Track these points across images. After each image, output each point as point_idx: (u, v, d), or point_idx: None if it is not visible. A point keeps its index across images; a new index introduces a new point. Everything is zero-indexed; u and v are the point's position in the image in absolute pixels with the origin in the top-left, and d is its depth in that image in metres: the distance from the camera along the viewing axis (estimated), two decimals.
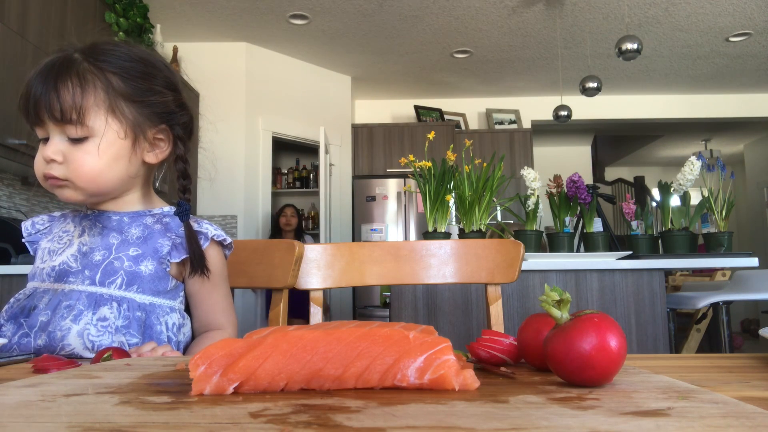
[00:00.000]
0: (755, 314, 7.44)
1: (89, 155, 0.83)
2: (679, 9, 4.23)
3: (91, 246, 0.88)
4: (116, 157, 0.86)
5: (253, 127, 4.70)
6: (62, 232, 0.93)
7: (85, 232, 0.91)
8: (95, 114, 0.83)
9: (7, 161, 2.65)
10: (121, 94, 0.85)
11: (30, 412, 0.34)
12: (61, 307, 0.83)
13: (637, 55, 3.46)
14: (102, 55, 0.85)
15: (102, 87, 0.84)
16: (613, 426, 0.29)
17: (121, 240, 0.89)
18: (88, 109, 0.82)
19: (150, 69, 0.89)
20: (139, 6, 3.65)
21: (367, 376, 0.40)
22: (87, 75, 0.83)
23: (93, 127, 0.83)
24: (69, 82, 0.82)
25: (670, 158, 8.80)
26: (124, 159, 0.87)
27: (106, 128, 0.84)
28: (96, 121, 0.83)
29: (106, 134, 0.84)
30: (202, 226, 0.93)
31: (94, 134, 0.83)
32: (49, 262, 0.89)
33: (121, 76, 0.85)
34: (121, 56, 0.87)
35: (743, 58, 5.17)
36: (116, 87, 0.85)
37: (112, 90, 0.84)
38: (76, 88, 0.82)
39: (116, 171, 0.86)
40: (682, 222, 2.66)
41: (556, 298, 0.43)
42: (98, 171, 0.84)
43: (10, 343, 0.83)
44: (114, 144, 0.85)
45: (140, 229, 0.91)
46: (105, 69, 0.84)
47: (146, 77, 0.88)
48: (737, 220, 7.99)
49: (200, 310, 0.94)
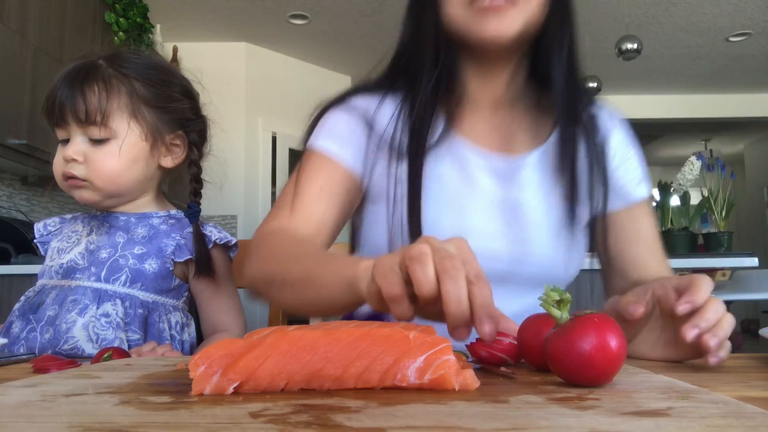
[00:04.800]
0: (755, 314, 7.44)
1: (110, 156, 0.88)
2: (679, 9, 4.23)
3: (98, 244, 0.91)
4: (135, 159, 0.90)
5: (253, 127, 4.70)
6: (71, 232, 0.96)
7: (93, 232, 0.94)
8: (119, 117, 0.88)
9: (7, 161, 2.65)
10: (143, 99, 0.90)
11: (30, 412, 0.34)
12: (67, 301, 0.86)
13: (637, 55, 3.47)
14: (125, 62, 0.91)
15: (126, 92, 0.89)
16: (613, 426, 0.29)
17: (127, 239, 0.91)
18: (112, 112, 0.87)
19: (169, 77, 0.95)
20: (139, 6, 3.64)
21: (367, 376, 0.40)
22: (112, 80, 0.88)
23: (115, 129, 0.88)
24: (95, 85, 0.87)
25: (670, 158, 8.80)
26: (142, 162, 0.91)
27: (129, 131, 0.89)
28: (119, 123, 0.88)
29: (128, 137, 0.88)
30: (205, 229, 0.95)
31: (116, 136, 0.88)
32: (57, 260, 0.92)
33: (144, 82, 0.90)
34: (143, 64, 0.92)
35: (743, 58, 5.17)
36: (139, 92, 0.90)
37: (135, 95, 0.89)
38: (102, 92, 0.87)
39: (134, 173, 0.91)
40: (682, 222, 2.66)
41: (556, 298, 0.43)
42: (118, 171, 0.88)
43: (17, 338, 0.86)
44: (135, 146, 0.89)
45: (146, 228, 0.93)
46: (129, 75, 0.89)
47: (166, 84, 0.93)
48: (737, 220, 7.98)
49: (206, 310, 0.96)
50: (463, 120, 0.78)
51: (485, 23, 0.68)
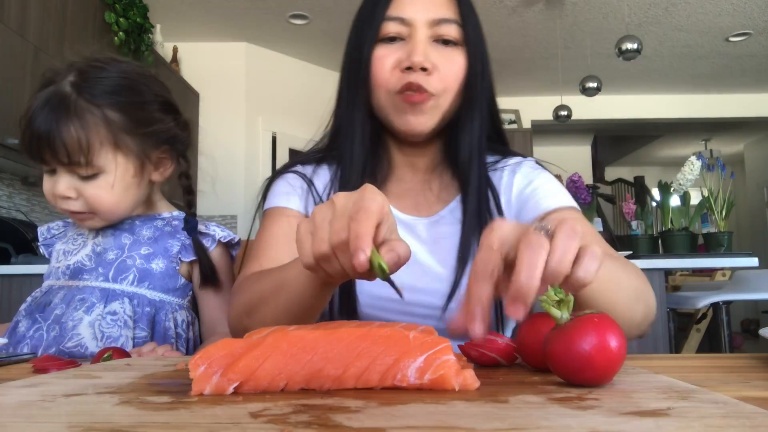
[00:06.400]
0: (755, 314, 7.44)
1: (103, 190, 0.86)
2: (679, 9, 4.23)
3: (104, 246, 0.92)
4: (128, 187, 0.89)
5: (253, 127, 4.70)
6: (77, 234, 0.97)
7: (98, 234, 0.94)
8: (103, 153, 0.85)
9: (7, 161, 2.65)
10: (122, 128, 0.86)
11: (30, 412, 0.34)
12: (74, 300, 0.87)
13: (637, 55, 3.46)
14: (94, 86, 0.85)
15: (103, 124, 0.84)
16: (613, 426, 0.29)
17: (133, 240, 0.93)
18: (94, 150, 0.84)
19: (144, 96, 0.90)
20: (139, 6, 3.64)
21: (367, 376, 0.40)
22: (86, 115, 0.83)
23: (102, 165, 0.85)
24: (71, 125, 0.82)
25: (670, 158, 8.80)
26: (135, 186, 0.91)
27: (116, 166, 0.86)
28: (104, 159, 0.85)
29: (116, 171, 0.86)
30: (209, 228, 0.96)
31: (104, 171, 0.86)
32: (63, 261, 0.93)
33: (118, 109, 0.86)
34: (113, 85, 0.87)
35: (743, 58, 5.17)
36: (117, 122, 0.86)
37: (114, 125, 0.85)
38: (80, 132, 0.82)
39: (130, 198, 0.91)
40: (682, 222, 2.67)
41: (556, 298, 0.43)
42: (116, 203, 0.88)
43: (23, 337, 0.87)
44: (125, 177, 0.88)
45: (151, 230, 0.95)
46: (101, 104, 0.84)
47: (142, 106, 0.89)
48: (737, 220, 7.98)
49: (206, 310, 0.96)
50: (387, 188, 0.86)
51: (406, 117, 0.78)
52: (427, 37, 0.77)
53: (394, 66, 0.77)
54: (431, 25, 0.77)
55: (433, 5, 0.78)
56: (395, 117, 0.79)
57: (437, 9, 0.78)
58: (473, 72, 0.80)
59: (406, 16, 0.77)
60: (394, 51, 0.77)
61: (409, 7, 0.77)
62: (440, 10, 0.78)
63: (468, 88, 0.80)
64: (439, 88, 0.77)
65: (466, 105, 0.81)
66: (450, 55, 0.78)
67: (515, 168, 0.87)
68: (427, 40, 0.77)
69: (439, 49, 0.78)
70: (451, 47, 0.78)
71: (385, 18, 0.78)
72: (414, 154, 0.86)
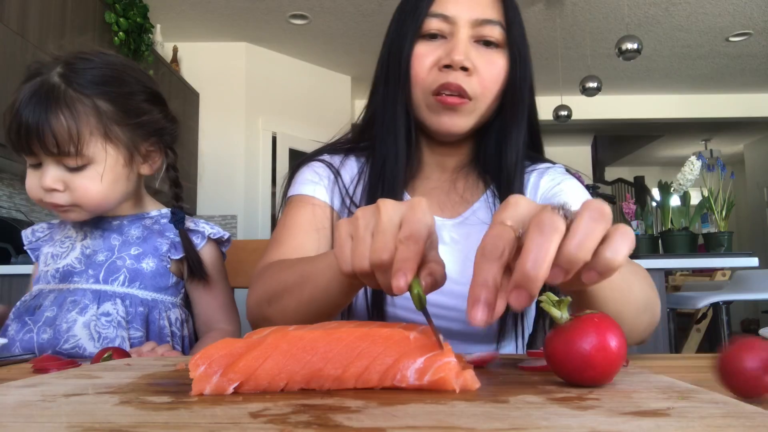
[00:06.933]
0: (755, 314, 7.44)
1: (91, 181, 0.84)
2: (679, 9, 4.23)
3: (94, 248, 0.91)
4: (117, 179, 0.88)
5: (253, 127, 4.70)
6: (64, 237, 0.95)
7: (87, 236, 0.93)
8: (93, 143, 0.84)
9: (7, 161, 2.65)
10: (112, 118, 0.85)
11: (30, 412, 0.34)
12: (66, 302, 0.86)
13: (637, 55, 3.47)
14: (82, 76, 0.84)
15: (93, 114, 0.83)
16: (613, 426, 0.29)
17: (122, 241, 0.92)
18: (84, 140, 0.82)
19: (132, 86, 0.89)
20: (139, 6, 3.64)
21: (366, 376, 0.40)
22: (76, 104, 0.82)
23: (91, 155, 0.84)
24: (60, 114, 0.81)
25: (670, 158, 8.80)
26: (124, 179, 0.89)
27: (106, 157, 0.85)
28: (94, 149, 0.84)
29: (106, 162, 0.85)
30: (198, 225, 0.96)
31: (93, 161, 0.84)
32: (52, 264, 0.92)
33: (107, 99, 0.85)
34: (101, 75, 0.86)
35: (743, 58, 5.17)
36: (106, 111, 0.85)
37: (104, 115, 0.84)
38: (70, 121, 0.81)
39: (118, 190, 0.89)
40: (682, 222, 2.67)
41: (556, 298, 0.43)
42: (104, 195, 0.86)
43: (13, 340, 0.86)
44: (114, 168, 0.87)
45: (139, 230, 0.94)
46: (90, 95, 0.84)
47: (131, 96, 0.88)
48: (737, 220, 7.98)
49: (199, 307, 0.96)
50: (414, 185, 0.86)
51: (440, 118, 0.77)
52: (469, 37, 0.76)
53: (432, 65, 0.76)
54: (474, 25, 0.76)
55: (478, 5, 0.77)
56: (428, 116, 0.78)
57: (482, 9, 0.77)
58: (514, 75, 0.78)
59: (449, 13, 0.76)
60: (434, 49, 0.76)
61: (453, 5, 0.76)
62: (485, 10, 0.77)
63: (509, 92, 0.79)
64: (478, 91, 0.76)
65: (510, 109, 0.80)
66: (491, 57, 0.77)
67: (543, 171, 0.87)
68: (469, 40, 0.76)
69: (480, 51, 0.77)
70: (493, 49, 0.77)
71: (428, 14, 0.76)
72: (444, 153, 0.86)
